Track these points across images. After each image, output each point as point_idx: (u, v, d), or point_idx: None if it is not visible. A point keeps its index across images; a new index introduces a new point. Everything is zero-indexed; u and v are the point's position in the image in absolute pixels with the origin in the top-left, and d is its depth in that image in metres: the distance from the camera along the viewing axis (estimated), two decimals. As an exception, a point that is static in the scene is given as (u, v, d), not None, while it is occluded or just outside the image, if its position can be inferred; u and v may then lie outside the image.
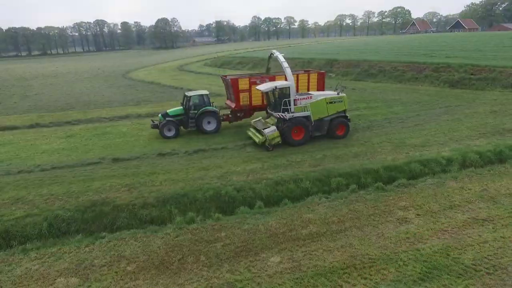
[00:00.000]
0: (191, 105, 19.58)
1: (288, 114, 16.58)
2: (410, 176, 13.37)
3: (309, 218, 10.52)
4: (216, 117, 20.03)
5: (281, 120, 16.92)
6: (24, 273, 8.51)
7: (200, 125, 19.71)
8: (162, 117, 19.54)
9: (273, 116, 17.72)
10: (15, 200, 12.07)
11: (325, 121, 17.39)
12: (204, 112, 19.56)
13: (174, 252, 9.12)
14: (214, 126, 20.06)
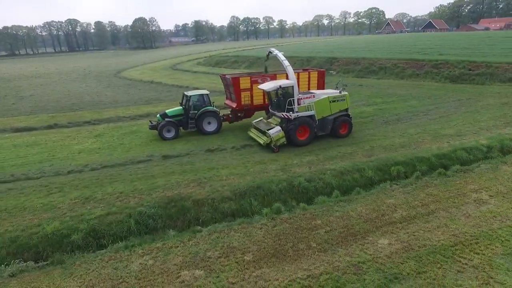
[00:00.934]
0: (190, 105, 18.81)
1: (293, 113, 16.15)
2: (459, 162, 14.22)
3: (393, 203, 11.01)
4: (217, 117, 19.38)
5: (284, 120, 16.44)
6: (142, 268, 8.37)
7: (200, 126, 18.96)
8: (160, 117, 18.76)
9: (276, 116, 17.26)
10: (85, 199, 11.70)
11: (328, 120, 17.05)
12: (204, 112, 18.86)
13: (281, 241, 9.28)
14: (215, 126, 19.39)
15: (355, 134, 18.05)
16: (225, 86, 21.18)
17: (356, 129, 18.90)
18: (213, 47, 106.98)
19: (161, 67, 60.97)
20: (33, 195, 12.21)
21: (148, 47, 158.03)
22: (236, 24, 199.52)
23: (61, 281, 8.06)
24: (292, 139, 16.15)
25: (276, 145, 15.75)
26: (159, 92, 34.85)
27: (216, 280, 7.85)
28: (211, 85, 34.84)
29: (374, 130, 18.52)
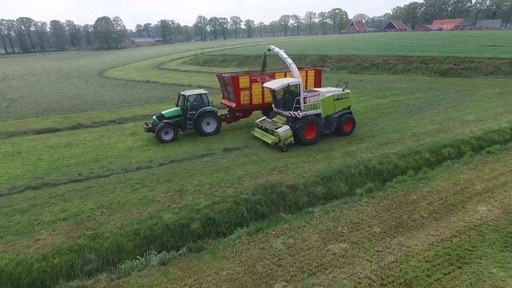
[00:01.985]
0: (188, 106, 17.94)
1: (301, 112, 15.90)
2: (494, 143, 16.05)
3: (467, 178, 12.38)
4: (216, 117, 18.71)
5: (291, 119, 16.14)
6: (288, 246, 8.86)
7: (199, 127, 18.22)
8: (157, 119, 17.80)
9: (282, 115, 16.84)
10: (178, 192, 11.79)
11: (333, 118, 16.91)
12: (202, 113, 18.12)
13: (394, 214, 10.20)
14: (214, 127, 18.73)
15: (389, 122, 19.47)
16: (222, 85, 20.46)
17: (386, 118, 20.38)
18: (183, 47, 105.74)
19: (144, 67, 59.35)
20: (119, 191, 12.03)
21: (113, 48, 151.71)
22: (203, 24, 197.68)
23: (219, 263, 8.33)
24: (300, 138, 15.90)
25: (284, 144, 15.51)
26: (164, 91, 34.29)
27: (363, 249, 8.58)
28: (211, 84, 34.93)
29: (404, 119, 20.05)
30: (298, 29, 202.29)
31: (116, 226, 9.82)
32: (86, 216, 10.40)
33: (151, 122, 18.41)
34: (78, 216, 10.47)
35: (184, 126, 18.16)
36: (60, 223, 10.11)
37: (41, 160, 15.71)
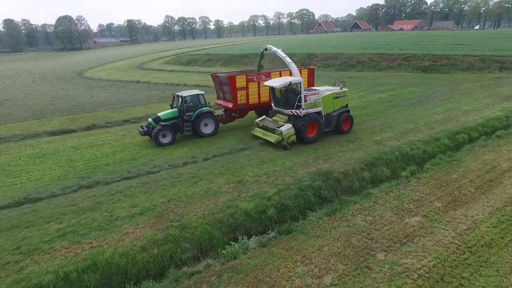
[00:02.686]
0: (185, 107, 17.36)
1: (303, 110, 16.01)
2: (497, 129, 18.00)
3: (491, 158, 13.98)
4: (214, 118, 18.29)
5: (293, 118, 16.18)
6: (369, 223, 9.71)
7: (198, 129, 17.66)
8: (153, 122, 17.05)
9: (283, 113, 16.80)
10: (239, 183, 12.26)
11: (333, 116, 17.11)
12: (200, 114, 17.60)
13: (445, 191, 11.40)
14: (212, 128, 18.29)
15: (397, 114, 21.02)
16: (217, 85, 19.96)
17: (393, 110, 21.97)
18: (156, 47, 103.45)
19: (124, 67, 57.71)
20: (179, 185, 12.26)
21: (78, 48, 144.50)
22: (170, 24, 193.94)
23: (316, 241, 8.99)
24: (302, 136, 15.98)
25: (288, 142, 15.56)
26: (161, 90, 33.90)
27: (436, 221, 9.65)
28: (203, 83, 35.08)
29: (410, 111, 21.73)
30: (267, 29, 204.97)
31: (198, 216, 10.14)
32: (161, 209, 10.58)
33: (145, 125, 17.62)
34: (152, 210, 10.62)
35: (181, 129, 17.48)
36: (139, 217, 10.22)
37: (74, 161, 15.35)
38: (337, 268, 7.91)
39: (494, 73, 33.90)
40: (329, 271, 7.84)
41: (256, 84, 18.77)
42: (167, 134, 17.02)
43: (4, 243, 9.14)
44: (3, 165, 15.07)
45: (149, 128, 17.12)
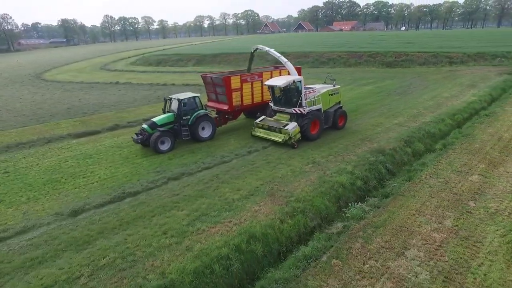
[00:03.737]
0: (182, 111, 16.47)
1: (306, 108, 16.32)
2: (480, 109, 21.95)
3: (493, 131, 17.34)
4: (212, 121, 17.52)
5: (295, 116, 16.41)
6: (445, 182, 11.97)
7: (196, 133, 16.82)
8: (149, 128, 15.87)
9: (285, 113, 16.87)
10: (314, 163, 13.75)
11: (330, 113, 17.53)
12: (198, 117, 16.83)
13: (481, 156, 14.18)
14: (210, 132, 17.50)
15: (395, 102, 24.11)
16: (209, 87, 19.16)
17: (390, 99, 25.08)
18: (101, 49, 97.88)
19: (86, 69, 54.26)
20: (263, 169, 13.37)
21: (5, 50, 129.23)
22: (110, 24, 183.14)
23: (415, 200, 10.95)
24: (306, 134, 16.18)
25: (295, 140, 15.72)
26: (153, 90, 33.29)
27: (489, 177, 12.25)
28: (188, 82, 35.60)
29: (403, 99, 24.95)
30: (213, 29, 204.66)
31: (305, 191, 11.44)
32: (268, 189, 11.63)
33: (138, 132, 16.28)
34: (258, 190, 11.63)
35: (179, 134, 16.54)
36: (252, 197, 11.17)
37: (131, 158, 15.35)
38: (448, 215, 9.95)
39: (446, 67, 39.68)
40: (444, 217, 9.85)
41: (249, 85, 18.37)
42: (166, 140, 15.91)
43: (145, 231, 9.50)
44: (56, 168, 14.47)
45: (144, 135, 15.78)
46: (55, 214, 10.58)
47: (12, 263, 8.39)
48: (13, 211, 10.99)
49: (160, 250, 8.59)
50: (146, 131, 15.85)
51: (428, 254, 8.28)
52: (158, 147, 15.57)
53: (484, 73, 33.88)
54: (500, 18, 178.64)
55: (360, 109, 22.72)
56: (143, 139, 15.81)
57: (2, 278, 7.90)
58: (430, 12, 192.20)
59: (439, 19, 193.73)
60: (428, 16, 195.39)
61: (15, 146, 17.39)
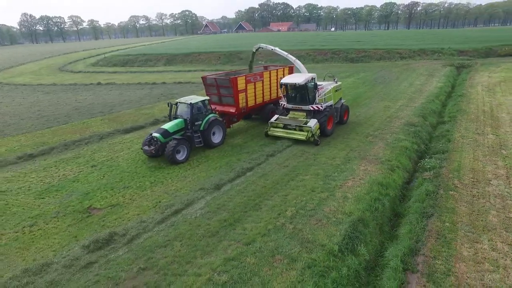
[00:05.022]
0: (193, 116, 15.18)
1: (324, 104, 16.67)
2: (450, 93, 27.48)
3: (478, 103, 22.45)
4: (222, 125, 16.46)
5: (311, 113, 16.58)
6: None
7: (209, 139, 15.73)
8: (162, 137, 14.31)
9: (301, 110, 16.93)
10: (369, 143, 16.80)
11: (337, 108, 17.97)
12: (210, 122, 15.72)
13: (481, 123, 18.70)
14: (220, 137, 16.45)
15: (386, 89, 28.58)
16: (211, 88, 18.19)
17: (379, 88, 29.51)
18: (23, 51, 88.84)
19: (43, 71, 49.78)
20: (328, 146, 15.93)
21: None
22: (30, 23, 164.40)
23: (467, 154, 14.62)
24: (323, 130, 16.40)
25: (316, 137, 15.89)
26: (147, 89, 33.05)
27: (500, 131, 16.65)
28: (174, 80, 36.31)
29: (388, 88, 29.55)
30: (150, 30, 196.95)
31: (386, 154, 14.36)
32: (357, 155, 14.29)
33: (146, 141, 14.68)
34: (349, 156, 14.22)
35: (192, 141, 15.14)
36: (352, 162, 13.72)
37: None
38: (495, 159, 13.72)
39: (399, 61, 46.52)
40: (494, 161, 13.57)
41: (253, 85, 18.01)
42: (182, 149, 14.44)
43: (295, 191, 11.43)
44: (143, 157, 15.08)
45: (157, 146, 14.23)
46: (200, 190, 11.76)
47: (211, 224, 9.68)
48: (158, 194, 11.83)
49: (324, 201, 10.69)
50: (159, 140, 14.22)
51: (505, 182, 11.79)
52: (175, 157, 14.07)
53: (432, 66, 40.94)
54: (409, 21, 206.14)
55: (361, 96, 26.56)
56: (157, 149, 14.21)
57: (214, 237, 9.21)
58: (354, 14, 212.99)
59: (361, 21, 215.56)
60: (352, 18, 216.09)
61: (73, 144, 17.15)
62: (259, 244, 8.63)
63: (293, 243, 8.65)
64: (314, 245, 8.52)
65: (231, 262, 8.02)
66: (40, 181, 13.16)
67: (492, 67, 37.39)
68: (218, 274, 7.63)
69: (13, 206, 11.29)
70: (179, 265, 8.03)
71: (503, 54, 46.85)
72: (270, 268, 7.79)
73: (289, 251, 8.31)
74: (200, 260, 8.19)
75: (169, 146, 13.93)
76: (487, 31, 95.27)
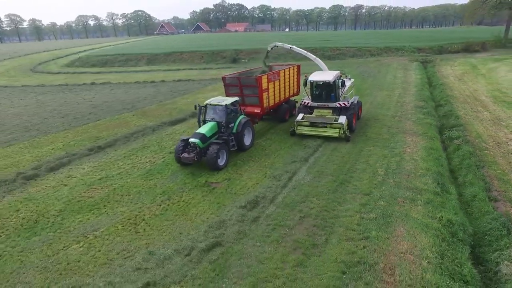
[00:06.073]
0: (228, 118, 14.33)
1: (350, 100, 17.22)
2: (431, 81, 32.08)
3: (469, 83, 26.90)
4: (252, 127, 15.89)
5: (338, 109, 16.87)
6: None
7: (242, 141, 14.93)
8: (201, 142, 13.29)
9: (325, 108, 17.14)
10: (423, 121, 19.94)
11: (355, 104, 18.06)
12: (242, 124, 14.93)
13: (473, 104, 22.84)
14: (250, 139, 15.71)
15: (374, 82, 32.40)
16: (232, 88, 17.69)
17: (369, 80, 33.28)
18: None
19: (10, 72, 46.45)
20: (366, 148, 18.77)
21: None
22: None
23: (485, 125, 18.25)
24: (350, 126, 16.63)
25: (348, 133, 16.18)
26: (151, 87, 33.34)
27: (491, 109, 20.73)
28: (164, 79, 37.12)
29: (377, 80, 33.34)
30: (100, 30, 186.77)
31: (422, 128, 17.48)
32: (395, 141, 17.19)
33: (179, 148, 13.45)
34: (391, 143, 17.06)
35: (229, 144, 14.29)
36: (396, 136, 16.54)
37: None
38: (506, 127, 17.49)
39: (370, 58, 51.50)
40: (507, 128, 17.34)
41: (273, 84, 18.00)
42: (221, 154, 13.49)
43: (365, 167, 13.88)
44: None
45: (197, 152, 13.14)
46: (292, 162, 13.69)
47: (325, 185, 11.74)
48: (258, 168, 13.50)
49: (401, 162, 13.29)
50: (198, 145, 13.22)
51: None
52: (217, 164, 13.16)
53: (401, 61, 46.24)
54: (355, 22, 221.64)
55: (360, 88, 29.74)
56: (199, 156, 13.16)
57: (336, 192, 11.30)
58: (305, 16, 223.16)
59: (312, 22, 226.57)
60: (304, 19, 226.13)
61: (131, 136, 17.86)
62: (377, 193, 10.93)
63: (402, 190, 11.08)
64: (418, 190, 11.04)
65: (366, 206, 10.21)
66: (132, 166, 14.03)
67: (450, 62, 43.50)
68: (366, 214, 9.78)
69: (129, 187, 12.20)
70: (328, 212, 10.02)
71: (453, 51, 54.18)
72: (400, 206, 10.13)
73: (405, 195, 10.73)
74: (340, 207, 10.26)
75: (211, 152, 12.93)
76: (429, 32, 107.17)
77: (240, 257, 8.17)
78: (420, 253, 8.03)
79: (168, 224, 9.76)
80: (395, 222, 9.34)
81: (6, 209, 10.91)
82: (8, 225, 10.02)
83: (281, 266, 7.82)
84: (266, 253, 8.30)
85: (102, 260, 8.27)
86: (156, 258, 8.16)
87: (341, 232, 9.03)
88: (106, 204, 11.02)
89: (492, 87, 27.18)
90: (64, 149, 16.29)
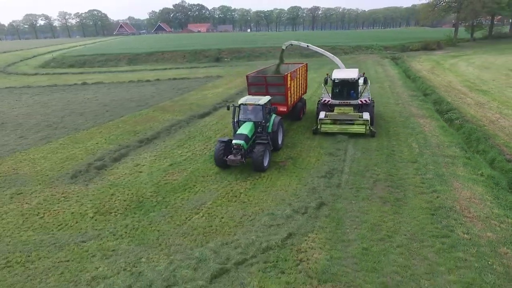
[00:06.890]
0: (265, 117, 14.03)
1: (370, 97, 17.64)
2: (411, 73, 36.03)
3: (456, 72, 30.79)
4: (283, 126, 15.77)
5: (358, 106, 17.20)
6: (463, 102, 23.28)
7: (276, 141, 14.65)
8: (245, 144, 13.00)
9: (346, 105, 17.33)
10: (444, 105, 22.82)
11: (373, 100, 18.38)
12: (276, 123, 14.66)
13: (468, 91, 26.55)
14: (281, 138, 15.40)
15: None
16: (257, 87, 17.46)
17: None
18: None
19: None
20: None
21: None
22: None
23: (490, 109, 21.63)
24: (371, 121, 16.68)
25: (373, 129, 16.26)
26: (150, 86, 33.49)
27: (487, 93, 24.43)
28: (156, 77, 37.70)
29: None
30: (52, 30, 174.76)
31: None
32: (411, 122, 19.91)
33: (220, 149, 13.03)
34: (408, 124, 19.74)
35: (269, 145, 13.90)
36: (414, 126, 19.22)
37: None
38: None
39: (344, 56, 55.16)
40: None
41: (293, 83, 17.89)
42: (265, 154, 13.13)
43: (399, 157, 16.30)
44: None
45: (242, 154, 12.81)
46: (328, 154, 15.66)
47: (377, 176, 13.85)
48: (313, 154, 15.25)
49: (426, 139, 15.82)
50: (242, 147, 12.83)
51: (506, 119, 18.70)
52: (263, 164, 12.88)
53: (373, 58, 50.61)
54: (313, 23, 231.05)
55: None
56: (244, 157, 12.86)
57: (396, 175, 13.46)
58: (265, 17, 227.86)
59: (272, 23, 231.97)
60: (264, 20, 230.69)
61: (170, 128, 18.71)
62: (422, 161, 13.28)
63: (440, 157, 13.54)
64: (452, 157, 13.58)
65: (420, 170, 12.48)
66: (193, 153, 15.09)
67: (416, 59, 48.53)
68: (423, 175, 12.05)
69: (204, 170, 13.32)
70: (393, 176, 12.16)
71: (414, 49, 59.99)
72: (446, 168, 12.54)
73: (444, 161, 13.20)
74: (400, 172, 12.45)
75: (258, 153, 12.68)
76: (390, 32, 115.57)
77: (346, 212, 9.93)
78: (481, 197, 10.41)
79: (266, 194, 11.22)
80: (449, 179, 11.69)
81: (101, 193, 11.59)
82: (114, 206, 10.79)
83: (382, 215, 9.71)
84: (364, 207, 10.15)
85: (233, 223, 9.55)
86: (280, 217, 9.64)
87: (412, 189, 11.16)
88: (195, 184, 12.13)
89: (461, 79, 31.44)
90: (110, 143, 16.76)
